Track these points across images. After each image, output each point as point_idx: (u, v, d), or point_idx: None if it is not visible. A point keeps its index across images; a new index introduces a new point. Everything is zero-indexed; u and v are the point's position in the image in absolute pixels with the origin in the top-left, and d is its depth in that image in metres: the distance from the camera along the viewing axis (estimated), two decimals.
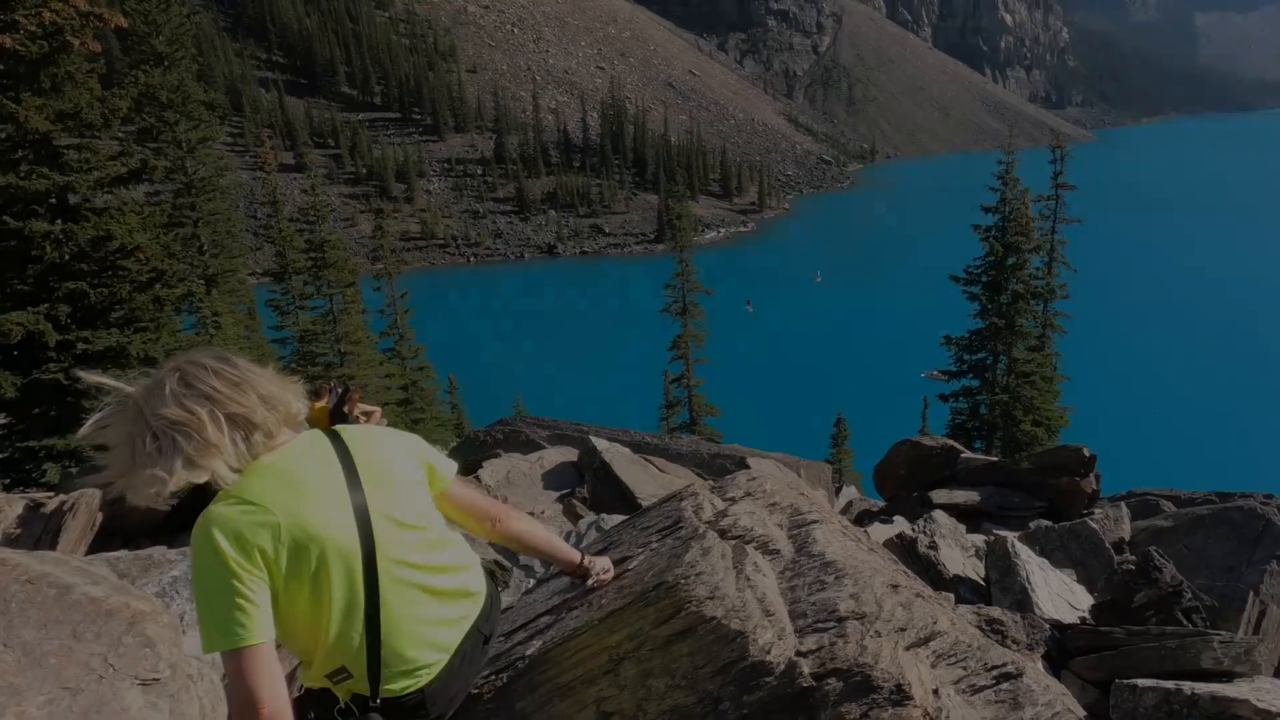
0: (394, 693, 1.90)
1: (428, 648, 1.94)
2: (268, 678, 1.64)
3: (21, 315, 13.64)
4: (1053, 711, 1.79)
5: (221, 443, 1.70)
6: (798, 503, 2.78)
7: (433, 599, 1.96)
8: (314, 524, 1.75)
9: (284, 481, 1.77)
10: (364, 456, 1.90)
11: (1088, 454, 11.62)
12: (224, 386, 1.75)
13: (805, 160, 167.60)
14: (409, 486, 1.98)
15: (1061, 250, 27.73)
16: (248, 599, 1.66)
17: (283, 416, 1.83)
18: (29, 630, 2.58)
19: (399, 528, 1.90)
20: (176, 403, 1.69)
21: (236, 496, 1.72)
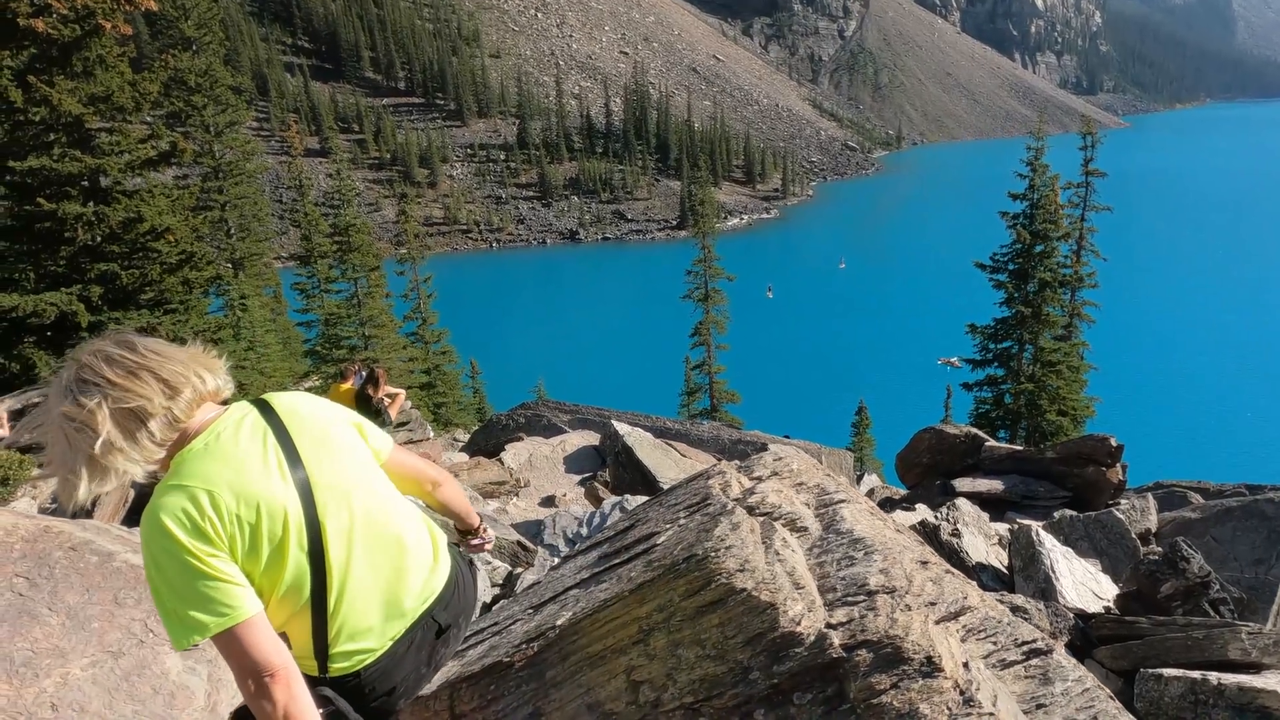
0: (336, 672, 1.83)
1: (363, 631, 1.84)
2: (272, 644, 1.60)
3: (55, 295, 13.90)
4: (1083, 687, 1.79)
5: (118, 439, 1.60)
6: (824, 483, 2.79)
7: (379, 575, 1.85)
8: (259, 498, 1.67)
9: (220, 459, 1.67)
10: (299, 425, 1.81)
11: (1115, 443, 11.50)
12: (119, 376, 1.64)
13: (830, 147, 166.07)
14: (350, 457, 1.88)
15: (1090, 238, 27.30)
16: (223, 577, 1.58)
17: (192, 399, 1.72)
18: (73, 595, 2.65)
19: (346, 501, 1.81)
20: (71, 398, 1.61)
21: (176, 483, 1.63)
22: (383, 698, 1.88)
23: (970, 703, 1.57)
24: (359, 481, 1.86)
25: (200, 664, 2.68)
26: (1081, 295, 26.88)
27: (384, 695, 1.89)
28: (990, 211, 29.77)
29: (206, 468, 1.65)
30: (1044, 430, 23.98)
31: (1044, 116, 34.08)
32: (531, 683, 2.07)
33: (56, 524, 2.88)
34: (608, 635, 2.00)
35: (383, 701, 1.89)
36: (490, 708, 2.11)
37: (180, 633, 1.57)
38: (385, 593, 1.86)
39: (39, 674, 2.42)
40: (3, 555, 2.68)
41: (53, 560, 2.72)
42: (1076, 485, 11.77)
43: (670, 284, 49.44)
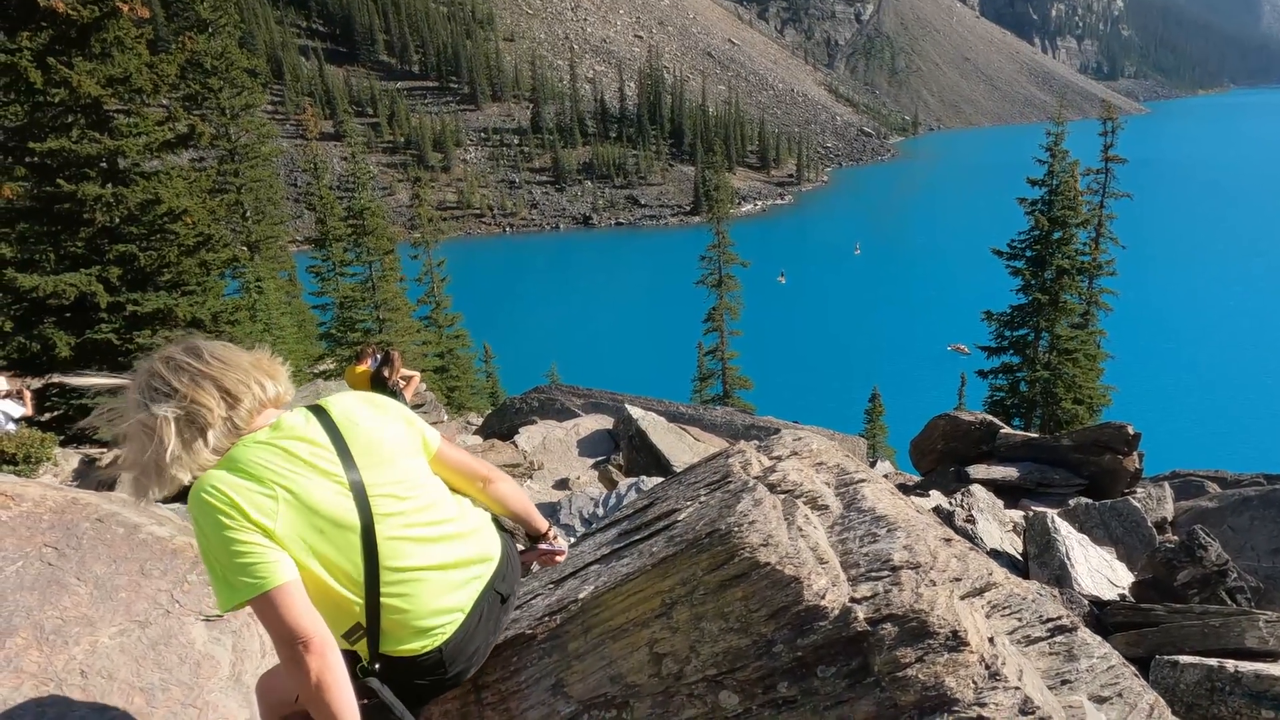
0: (413, 652, 1.92)
1: (439, 611, 1.93)
2: (306, 611, 1.65)
3: (74, 277, 14.02)
4: (1108, 664, 1.78)
5: (178, 449, 1.71)
6: (844, 463, 2.78)
7: (439, 563, 1.95)
8: (308, 498, 1.75)
9: (278, 455, 1.76)
10: (352, 432, 1.89)
11: (1132, 432, 11.44)
12: (184, 385, 1.75)
13: (845, 132, 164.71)
14: (403, 455, 1.97)
15: (1109, 226, 27.00)
16: (261, 546, 1.66)
17: (252, 407, 1.82)
18: (100, 565, 2.69)
19: (398, 500, 1.89)
20: (144, 408, 1.72)
21: (231, 465, 1.72)
22: (460, 669, 2.03)
23: (996, 676, 1.57)
24: (411, 480, 1.96)
25: (225, 634, 2.72)
26: (1099, 283, 26.63)
27: (462, 667, 2.03)
28: (1007, 198, 29.49)
29: (258, 454, 1.75)
30: (1059, 418, 23.85)
31: (1064, 102, 33.66)
32: (554, 654, 2.09)
33: (84, 496, 2.92)
34: (630, 609, 2.01)
35: (460, 673, 2.04)
36: (513, 679, 2.13)
37: (224, 597, 1.66)
38: (449, 576, 1.97)
39: (68, 641, 2.46)
40: (32, 525, 2.72)
41: (80, 531, 2.76)
42: (1093, 473, 11.73)
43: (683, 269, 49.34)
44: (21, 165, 14.20)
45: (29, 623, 2.46)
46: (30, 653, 2.40)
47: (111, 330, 14.46)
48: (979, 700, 1.54)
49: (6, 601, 2.49)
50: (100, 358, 14.78)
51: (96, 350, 14.61)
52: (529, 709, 2.06)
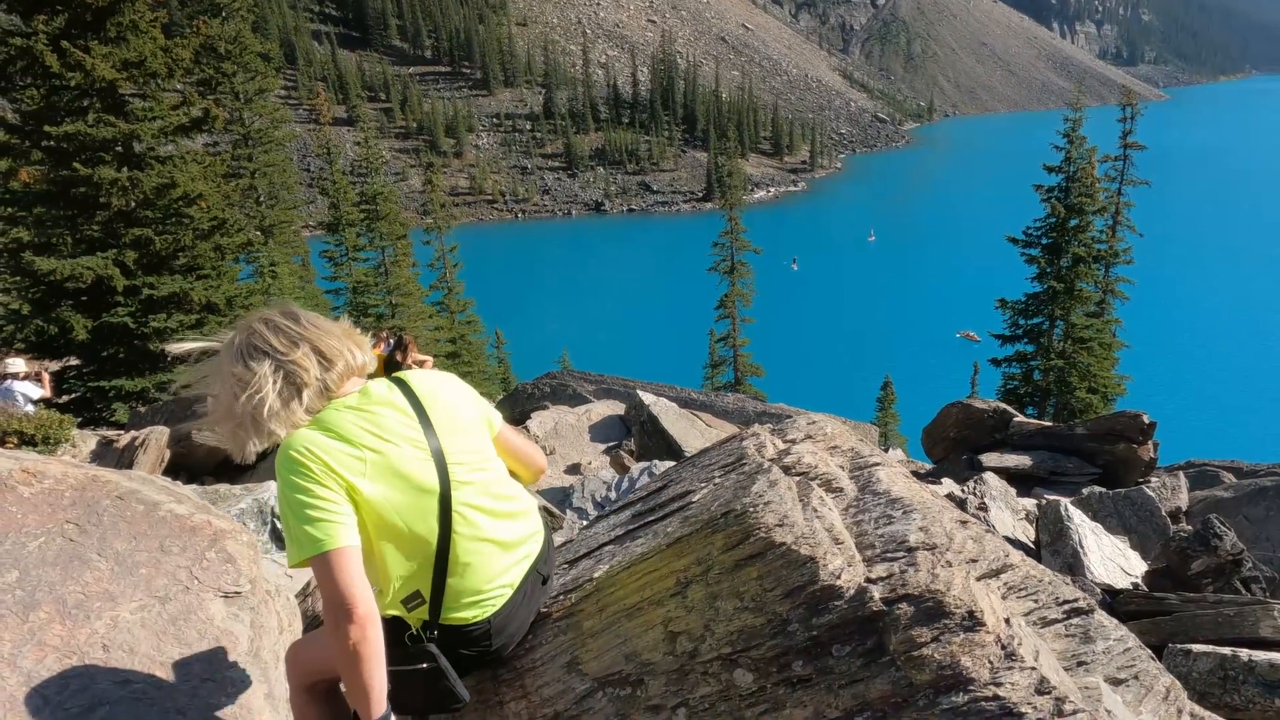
0: (464, 621, 2.00)
1: (494, 583, 2.02)
2: (359, 579, 1.71)
3: (91, 260, 14.13)
4: (1125, 647, 1.78)
5: (276, 405, 1.79)
6: (858, 447, 2.78)
7: (498, 536, 2.04)
8: (395, 462, 1.84)
9: (366, 420, 1.84)
10: (433, 403, 1.98)
11: (1147, 420, 11.36)
12: (283, 345, 1.83)
13: (859, 118, 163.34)
14: (475, 432, 2.07)
15: (1127, 213, 26.70)
16: (333, 507, 1.73)
17: (343, 371, 1.90)
18: (120, 542, 2.72)
19: (470, 470, 1.98)
20: (242, 362, 1.80)
21: (322, 427, 1.80)
22: (503, 644, 2.09)
23: (1012, 657, 1.57)
24: (483, 453, 2.06)
25: (243, 611, 2.75)
26: (1116, 271, 26.36)
27: (504, 641, 2.10)
28: (1023, 186, 29.19)
29: (350, 422, 1.82)
30: (1073, 407, 23.70)
31: (1082, 88, 33.22)
32: (569, 632, 2.10)
33: (104, 474, 2.96)
34: (645, 588, 2.02)
35: (501, 647, 2.10)
36: (528, 656, 2.15)
37: (292, 552, 1.74)
38: (504, 549, 2.05)
39: (90, 616, 2.50)
40: (54, 502, 2.75)
41: (101, 508, 2.80)
42: (1107, 462, 11.66)
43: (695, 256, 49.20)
44: (38, 149, 14.29)
45: (52, 597, 2.49)
46: (54, 626, 2.43)
47: (128, 314, 14.58)
48: (995, 680, 1.54)
49: (30, 576, 2.52)
50: (117, 341, 14.91)
51: (113, 333, 14.74)
52: (544, 685, 2.08)
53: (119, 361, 14.93)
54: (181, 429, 9.59)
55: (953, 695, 1.56)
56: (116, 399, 14.66)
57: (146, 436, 9.00)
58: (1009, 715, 1.51)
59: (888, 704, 1.62)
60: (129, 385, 14.60)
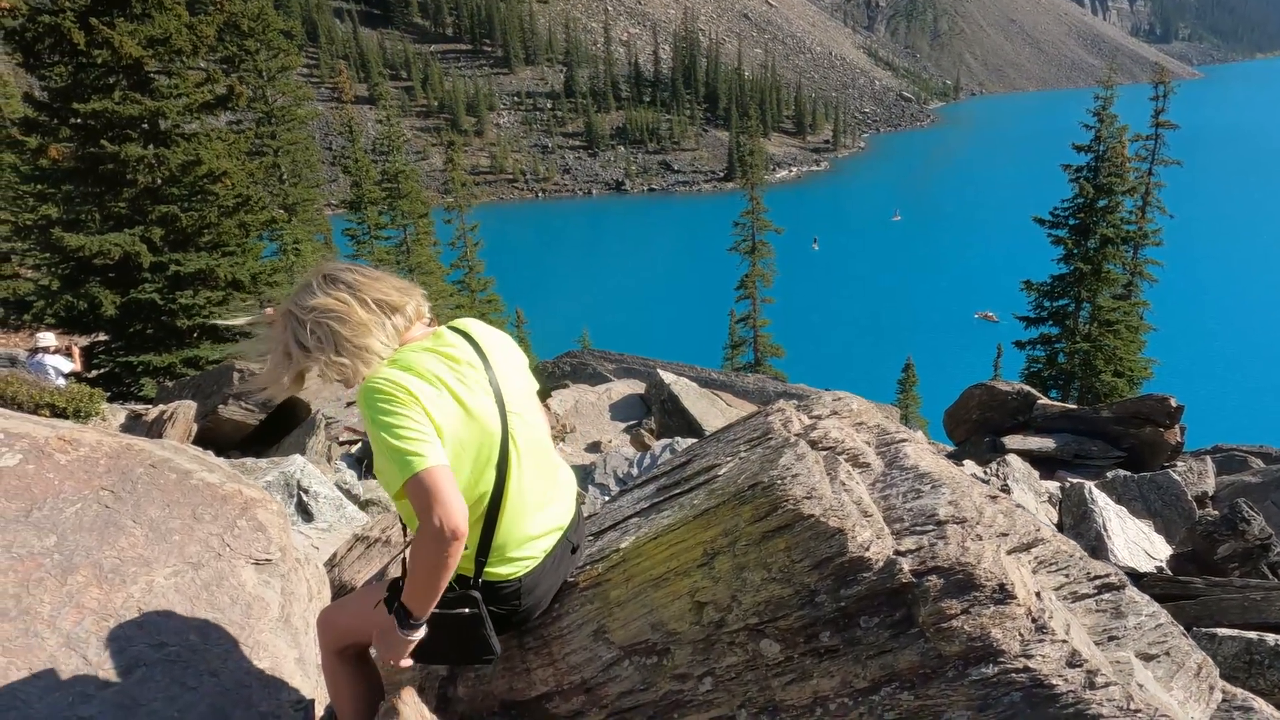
0: (498, 577, 2.03)
1: (531, 541, 2.06)
2: (458, 495, 1.75)
3: (119, 237, 14.29)
4: (1156, 623, 1.77)
5: (372, 321, 1.85)
6: (884, 424, 2.76)
7: (540, 497, 2.08)
8: (469, 404, 1.88)
9: (441, 361, 1.90)
10: (493, 353, 2.03)
11: (1175, 404, 11.21)
12: (363, 279, 1.91)
13: (884, 97, 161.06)
14: (529, 389, 2.13)
15: (1157, 194, 26.19)
16: (423, 430, 1.76)
17: (415, 311, 1.97)
18: (154, 509, 2.77)
19: (525, 425, 2.02)
20: (324, 294, 1.86)
21: (401, 366, 1.84)
22: (530, 606, 2.12)
23: (1043, 630, 1.56)
24: (534, 411, 2.10)
25: (274, 578, 2.80)
26: (1144, 253, 25.91)
27: (532, 604, 2.12)
28: (1050, 166, 28.68)
29: (425, 359, 1.87)
30: (1098, 391, 23.42)
31: (1113, 66, 32.47)
32: (596, 601, 2.12)
33: (137, 442, 3.01)
34: (671, 558, 2.03)
35: (530, 610, 2.12)
36: (555, 624, 2.16)
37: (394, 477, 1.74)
38: (543, 511, 2.09)
39: (126, 580, 2.55)
40: (90, 469, 2.81)
41: (135, 476, 2.85)
42: (1132, 446, 11.53)
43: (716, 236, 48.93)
44: (66, 126, 14.44)
45: (89, 561, 2.55)
46: (91, 590, 2.49)
47: (155, 290, 14.76)
48: (1025, 652, 1.54)
49: (67, 541, 2.58)
50: (144, 317, 15.11)
51: (140, 309, 14.94)
52: (571, 653, 2.10)
53: (146, 337, 15.14)
54: (236, 391, 9.77)
55: (983, 667, 1.56)
56: (144, 374, 14.88)
57: (174, 410, 9.13)
58: (1040, 687, 1.51)
59: (916, 675, 1.62)
60: (156, 361, 14.81)
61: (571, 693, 2.10)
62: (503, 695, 2.25)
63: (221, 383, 10.27)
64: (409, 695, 1.92)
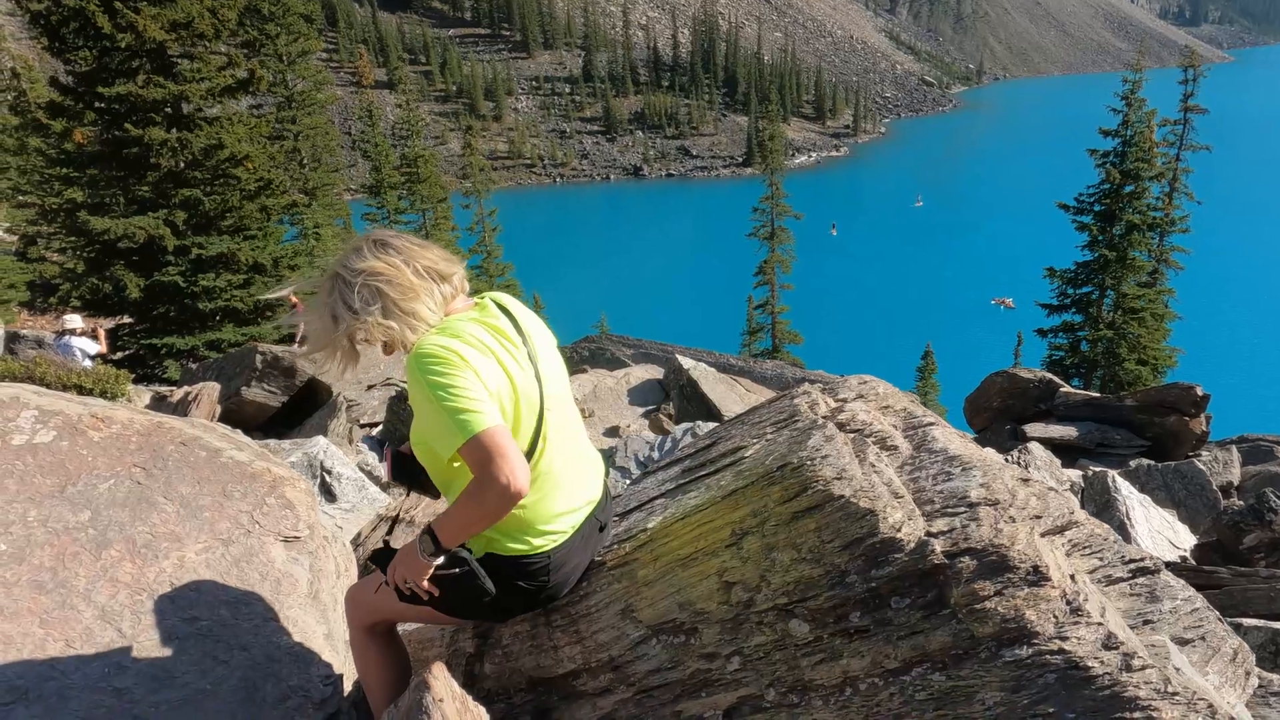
0: (527, 551, 2.02)
1: (560, 517, 2.06)
2: (521, 457, 1.74)
3: (143, 220, 14.44)
4: (1192, 607, 1.75)
5: (421, 286, 1.86)
6: (910, 407, 2.74)
7: (571, 474, 2.09)
8: (514, 375, 1.89)
9: (490, 333, 1.90)
10: (529, 327, 2.04)
11: (1200, 393, 11.07)
12: (413, 245, 1.92)
13: (905, 81, 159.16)
14: (562, 368, 2.14)
15: (1184, 180, 25.74)
16: (477, 392, 1.76)
17: (460, 281, 1.98)
18: (185, 486, 2.81)
19: (559, 401, 2.04)
20: (375, 257, 1.86)
21: (450, 334, 1.84)
22: (559, 582, 2.12)
23: (1078, 612, 1.55)
24: (566, 389, 2.13)
25: (302, 555, 2.83)
26: (1170, 240, 25.50)
27: (561, 581, 2.12)
28: (1075, 152, 28.28)
29: (473, 329, 1.87)
30: (1121, 379, 23.14)
31: (1142, 48, 31.85)
32: (623, 580, 2.13)
33: (168, 420, 3.04)
34: (699, 539, 2.03)
35: (558, 586, 2.12)
36: (583, 603, 2.17)
37: (450, 440, 1.73)
38: (573, 487, 2.10)
39: (158, 555, 2.59)
40: (121, 446, 2.84)
41: (166, 453, 2.88)
42: (1156, 435, 11.41)
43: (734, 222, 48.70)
44: (91, 110, 14.57)
45: (122, 537, 2.59)
46: (124, 564, 2.53)
47: (178, 273, 14.91)
48: (1060, 634, 1.53)
49: (101, 516, 2.62)
50: (168, 300, 15.28)
51: (164, 292, 15.10)
52: (599, 631, 2.11)
53: (170, 320, 15.31)
54: (286, 355, 9.92)
55: (1016, 648, 1.55)
56: (168, 356, 15.07)
57: (199, 391, 9.23)
58: (1075, 669, 1.50)
59: (948, 656, 1.62)
60: (180, 343, 14.99)
61: (599, 670, 2.11)
62: (530, 672, 2.27)
63: (244, 365, 10.37)
64: (439, 670, 1.93)
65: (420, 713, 1.80)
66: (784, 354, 33.54)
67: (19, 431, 2.76)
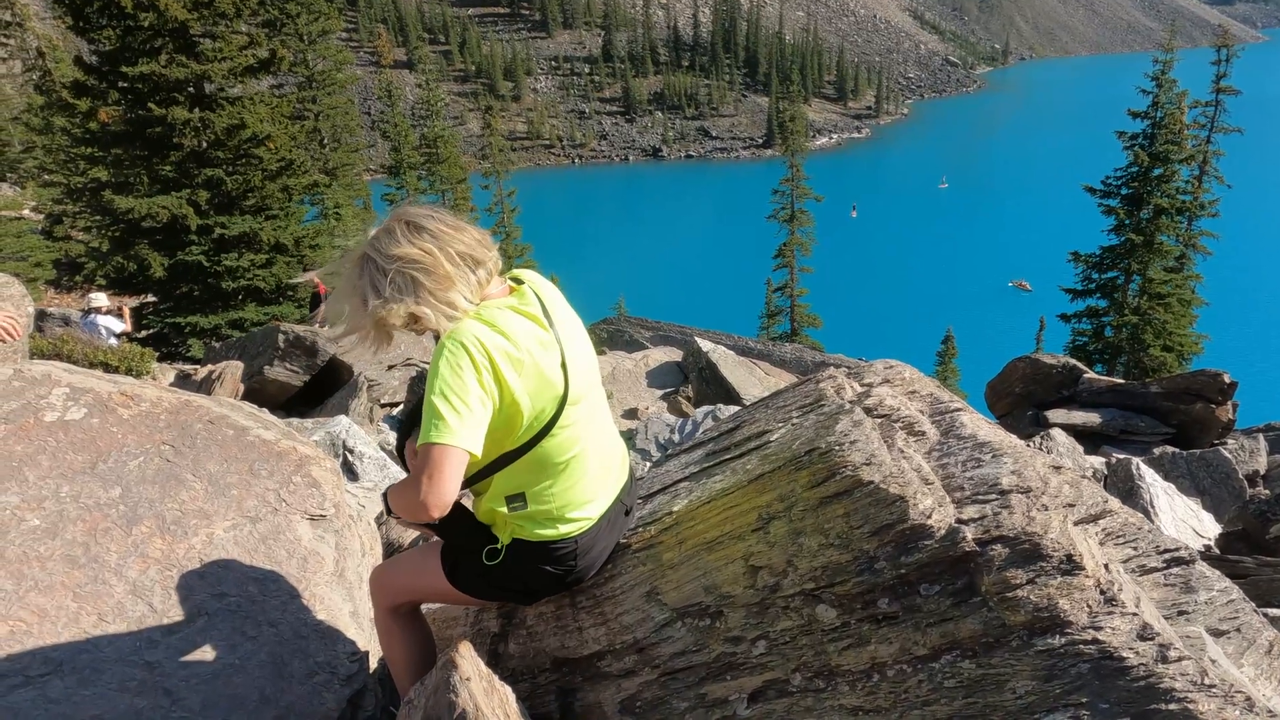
0: (554, 537, 2.02)
1: (588, 503, 2.06)
2: (455, 484, 1.73)
3: (166, 199, 14.55)
4: (1228, 598, 1.72)
5: (456, 274, 1.82)
6: (937, 392, 2.71)
7: (598, 460, 2.08)
8: (544, 365, 1.88)
9: (527, 323, 1.88)
10: (560, 315, 2.02)
11: (1228, 380, 10.90)
12: (447, 229, 1.86)
13: (929, 62, 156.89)
14: (590, 351, 2.11)
15: (1215, 162, 25.23)
16: (477, 408, 1.74)
17: (494, 265, 1.94)
18: (213, 463, 2.84)
19: (587, 386, 2.03)
20: (409, 242, 1.81)
21: (489, 322, 1.82)
22: (586, 567, 2.12)
23: (1112, 602, 1.53)
24: (595, 374, 2.11)
25: (328, 533, 2.85)
26: (1199, 224, 25.04)
27: (588, 565, 2.12)
28: (1103, 134, 27.80)
29: (511, 318, 1.86)
30: (1145, 366, 22.85)
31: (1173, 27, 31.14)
32: (648, 563, 2.12)
33: (195, 399, 3.07)
34: (725, 522, 2.02)
35: (584, 570, 2.12)
36: (608, 585, 2.18)
37: (424, 433, 1.73)
38: (601, 473, 2.10)
39: (187, 532, 2.62)
40: (150, 424, 2.87)
41: (194, 431, 2.91)
42: (1181, 422, 11.26)
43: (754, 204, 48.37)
44: (115, 89, 14.66)
45: (152, 513, 2.62)
46: (155, 540, 2.56)
47: (201, 252, 15.04)
48: (1094, 624, 1.51)
49: (131, 493, 2.65)
50: (191, 279, 15.42)
51: (187, 271, 15.24)
52: (624, 613, 2.11)
53: (193, 299, 15.46)
54: (310, 334, 10.00)
55: (1049, 637, 1.53)
56: (191, 335, 15.24)
57: (222, 370, 9.33)
58: (1109, 659, 1.48)
59: (978, 643, 1.60)
60: (203, 322, 15.14)
61: (624, 652, 2.11)
62: (554, 653, 2.28)
63: (267, 344, 10.46)
64: (466, 649, 1.94)
65: (448, 691, 1.82)
66: (803, 337, 33.39)
67: (51, 408, 2.79)
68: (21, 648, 2.22)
